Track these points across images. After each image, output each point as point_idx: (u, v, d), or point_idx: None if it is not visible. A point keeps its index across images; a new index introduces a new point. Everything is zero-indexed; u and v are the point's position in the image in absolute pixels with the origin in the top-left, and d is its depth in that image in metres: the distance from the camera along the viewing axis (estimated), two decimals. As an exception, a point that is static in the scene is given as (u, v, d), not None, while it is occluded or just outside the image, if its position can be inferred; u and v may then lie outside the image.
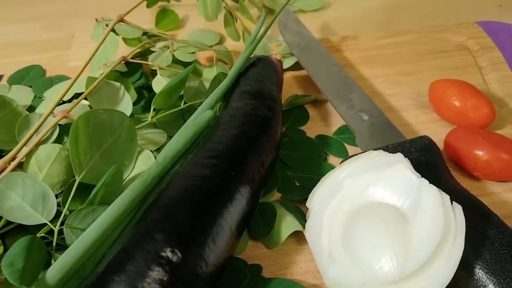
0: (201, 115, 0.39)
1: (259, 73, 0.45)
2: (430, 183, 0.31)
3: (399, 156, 0.34)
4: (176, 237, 0.29)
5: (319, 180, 0.40)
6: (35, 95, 0.51)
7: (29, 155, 0.36)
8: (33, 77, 0.54)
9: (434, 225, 0.29)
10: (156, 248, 0.28)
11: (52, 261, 0.33)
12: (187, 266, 0.29)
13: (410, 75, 0.53)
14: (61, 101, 0.47)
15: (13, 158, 0.35)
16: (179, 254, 0.29)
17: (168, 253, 0.28)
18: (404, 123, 0.47)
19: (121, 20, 0.44)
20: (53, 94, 0.49)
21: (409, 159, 0.34)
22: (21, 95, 0.50)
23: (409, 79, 0.52)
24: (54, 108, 0.39)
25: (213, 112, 0.40)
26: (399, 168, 0.33)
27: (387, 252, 0.30)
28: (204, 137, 0.38)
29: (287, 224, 0.36)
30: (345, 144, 0.45)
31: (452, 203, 0.31)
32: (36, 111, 0.47)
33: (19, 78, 0.54)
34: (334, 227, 0.34)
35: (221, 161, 0.34)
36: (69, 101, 0.46)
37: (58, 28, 0.66)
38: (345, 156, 0.43)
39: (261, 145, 0.37)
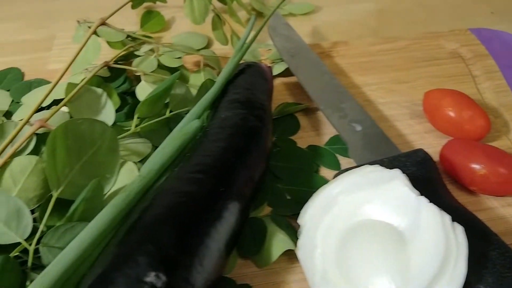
0: (188, 125, 0.37)
1: (248, 81, 0.43)
2: (428, 200, 0.30)
3: (397, 172, 0.32)
4: (160, 260, 0.27)
5: (310, 193, 0.38)
6: (13, 100, 0.48)
7: (3, 167, 0.33)
8: (11, 80, 0.52)
9: (435, 247, 0.28)
10: (139, 272, 0.26)
11: (27, 283, 0.31)
12: (173, 291, 0.27)
13: (403, 83, 0.51)
14: (40, 108, 0.45)
15: (-15, 172, 0.33)
16: (163, 278, 0.26)
17: (151, 277, 0.26)
18: (398, 134, 0.45)
19: (103, 23, 0.42)
20: (31, 100, 0.46)
21: (404, 174, 0.33)
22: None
23: (403, 87, 0.51)
24: (31, 116, 0.36)
25: (200, 122, 0.38)
26: (397, 185, 0.31)
27: (385, 275, 0.28)
28: (191, 149, 0.36)
29: (278, 241, 0.35)
30: (337, 155, 0.43)
31: (453, 222, 0.29)
32: (13, 117, 0.44)
33: (-4, 81, 0.51)
34: (328, 246, 0.32)
35: (209, 176, 0.33)
36: (49, 107, 0.43)
37: (38, 28, 0.63)
38: (337, 168, 0.42)
39: (251, 158, 0.36)
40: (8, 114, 0.47)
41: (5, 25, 0.64)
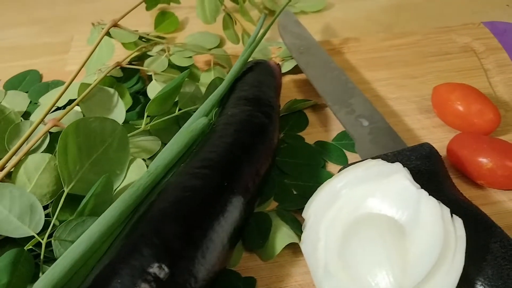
0: (196, 122, 0.38)
1: (256, 78, 0.44)
2: (430, 193, 0.30)
3: (398, 165, 0.32)
4: (163, 252, 0.28)
5: (316, 188, 0.39)
6: (31, 101, 0.50)
7: (18, 165, 0.35)
8: (30, 82, 0.54)
9: (433, 239, 0.28)
10: (143, 263, 0.27)
11: (40, 274, 0.32)
12: (175, 282, 0.28)
13: (413, 78, 0.51)
14: (56, 108, 0.46)
15: (2, 168, 0.34)
16: (166, 269, 0.27)
17: (155, 269, 0.27)
18: (406, 128, 0.45)
19: (115, 24, 0.43)
20: (48, 100, 0.48)
21: (409, 167, 0.33)
22: (17, 101, 0.49)
23: (413, 82, 0.51)
24: (46, 115, 0.38)
25: (207, 119, 0.39)
26: (398, 178, 0.32)
27: (384, 267, 0.29)
28: (198, 145, 0.37)
29: (283, 235, 0.35)
30: (345, 150, 0.43)
31: (452, 216, 0.29)
32: (31, 118, 0.46)
33: (16, 83, 0.53)
34: (331, 239, 0.33)
35: (214, 171, 0.33)
36: (64, 107, 0.45)
37: (57, 32, 0.66)
38: (345, 163, 0.42)
39: (256, 153, 0.36)
40: (26, 115, 0.48)
41: (26, 29, 0.66)
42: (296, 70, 0.52)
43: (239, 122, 0.38)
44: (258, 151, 0.36)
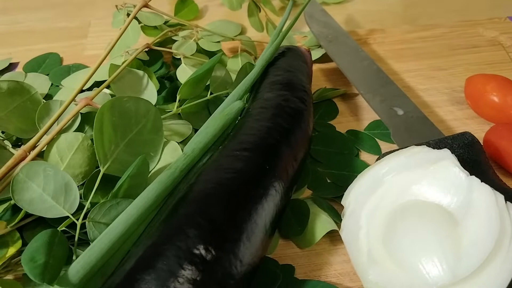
0: (230, 106, 0.37)
1: (289, 64, 0.43)
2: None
3: (446, 152, 0.31)
4: (210, 233, 0.27)
5: (352, 177, 0.38)
6: (52, 84, 0.49)
7: (50, 143, 0.34)
8: (50, 65, 0.52)
9: (488, 227, 0.27)
10: (189, 245, 0.26)
11: (74, 257, 0.31)
12: (221, 265, 0.27)
13: (442, 70, 0.50)
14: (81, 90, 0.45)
15: (34, 147, 0.33)
16: (213, 252, 0.26)
17: (201, 250, 0.26)
18: (439, 120, 0.45)
19: (146, 5, 0.42)
20: (71, 83, 0.47)
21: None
22: (38, 83, 0.48)
23: (442, 74, 0.50)
24: (76, 95, 0.37)
25: (242, 103, 0.38)
26: (446, 165, 0.31)
27: (435, 255, 0.28)
28: (234, 129, 0.36)
29: (322, 222, 0.34)
30: (377, 140, 0.43)
31: (506, 202, 0.28)
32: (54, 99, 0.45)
33: (35, 65, 0.52)
34: (373, 227, 0.32)
35: (255, 154, 0.32)
36: (89, 89, 0.44)
37: (74, 17, 0.64)
38: (378, 152, 0.41)
39: (294, 138, 0.35)
40: (47, 97, 0.47)
41: (42, 13, 0.65)
42: (323, 59, 0.51)
43: (275, 106, 0.37)
44: (296, 136, 0.35)
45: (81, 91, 0.44)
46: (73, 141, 0.34)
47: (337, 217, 0.35)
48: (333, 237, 0.35)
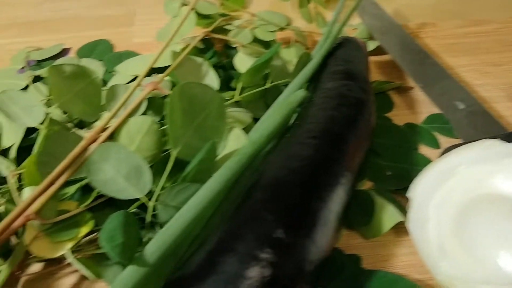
0: (294, 95, 0.37)
1: (348, 54, 0.42)
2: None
3: (522, 145, 0.31)
4: (288, 218, 0.27)
5: (412, 170, 0.38)
6: (106, 69, 0.49)
7: (120, 126, 0.34)
8: (102, 51, 0.53)
9: None
10: (268, 229, 0.26)
11: (144, 239, 0.31)
12: (299, 250, 0.27)
13: (497, 66, 0.50)
14: (134, 76, 0.46)
15: (104, 129, 0.33)
16: (291, 236, 0.26)
17: (280, 234, 0.26)
18: (497, 115, 0.44)
19: (203, -8, 0.42)
20: (125, 69, 0.47)
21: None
22: (92, 69, 0.48)
23: (497, 69, 0.49)
24: (141, 80, 0.37)
25: (306, 92, 0.37)
26: (524, 158, 0.30)
27: (515, 248, 0.27)
28: (298, 118, 0.36)
29: (389, 213, 0.34)
30: (436, 133, 0.42)
31: None
32: (109, 85, 0.45)
33: (87, 51, 0.53)
34: (444, 219, 0.31)
35: (324, 142, 0.32)
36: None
37: (119, 5, 0.65)
38: (437, 146, 0.41)
39: (360, 128, 0.35)
40: (102, 83, 0.47)
41: (87, 1, 0.65)
42: (375, 51, 0.50)
43: (339, 96, 0.37)
44: (361, 126, 0.35)
45: (135, 77, 0.44)
46: (142, 124, 0.34)
47: (401, 209, 0.35)
48: (398, 228, 0.35)
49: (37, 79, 0.47)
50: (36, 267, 0.34)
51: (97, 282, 0.33)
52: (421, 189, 0.33)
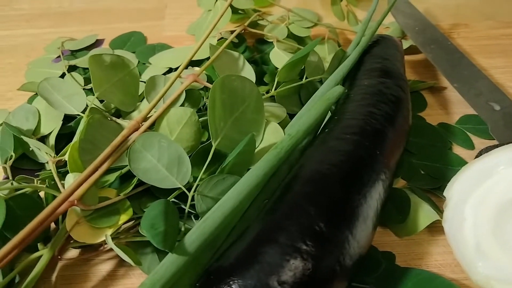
0: (331, 90, 0.37)
1: (384, 52, 0.42)
2: None
3: None
4: (330, 212, 0.27)
5: (447, 170, 0.38)
6: (139, 61, 0.50)
7: (160, 116, 0.34)
8: (135, 43, 0.53)
9: None
10: (310, 221, 0.27)
11: (182, 228, 0.32)
12: (340, 243, 0.27)
13: (532, 68, 0.49)
14: (168, 69, 0.46)
15: (145, 119, 0.34)
16: (333, 230, 0.27)
17: (323, 228, 0.26)
18: (533, 118, 0.44)
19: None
20: (159, 61, 0.47)
21: None
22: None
23: (532, 72, 0.49)
24: (181, 72, 0.37)
25: (343, 88, 0.38)
26: None
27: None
28: (337, 113, 0.36)
29: (424, 212, 0.34)
30: (469, 134, 0.42)
31: None
32: (142, 77, 0.45)
33: (120, 43, 0.53)
34: (481, 219, 0.31)
35: (363, 138, 0.32)
36: (176, 69, 0.44)
37: (149, -1, 0.65)
38: (471, 147, 0.41)
39: (398, 125, 0.35)
40: (135, 74, 0.48)
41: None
42: (408, 51, 0.50)
43: (378, 93, 0.37)
44: (400, 123, 0.35)
45: (170, 69, 0.45)
46: (182, 115, 0.34)
47: (436, 208, 0.35)
48: (432, 228, 0.35)
49: (71, 68, 0.48)
50: (72, 253, 0.34)
51: (131, 270, 0.33)
52: (458, 188, 0.33)
